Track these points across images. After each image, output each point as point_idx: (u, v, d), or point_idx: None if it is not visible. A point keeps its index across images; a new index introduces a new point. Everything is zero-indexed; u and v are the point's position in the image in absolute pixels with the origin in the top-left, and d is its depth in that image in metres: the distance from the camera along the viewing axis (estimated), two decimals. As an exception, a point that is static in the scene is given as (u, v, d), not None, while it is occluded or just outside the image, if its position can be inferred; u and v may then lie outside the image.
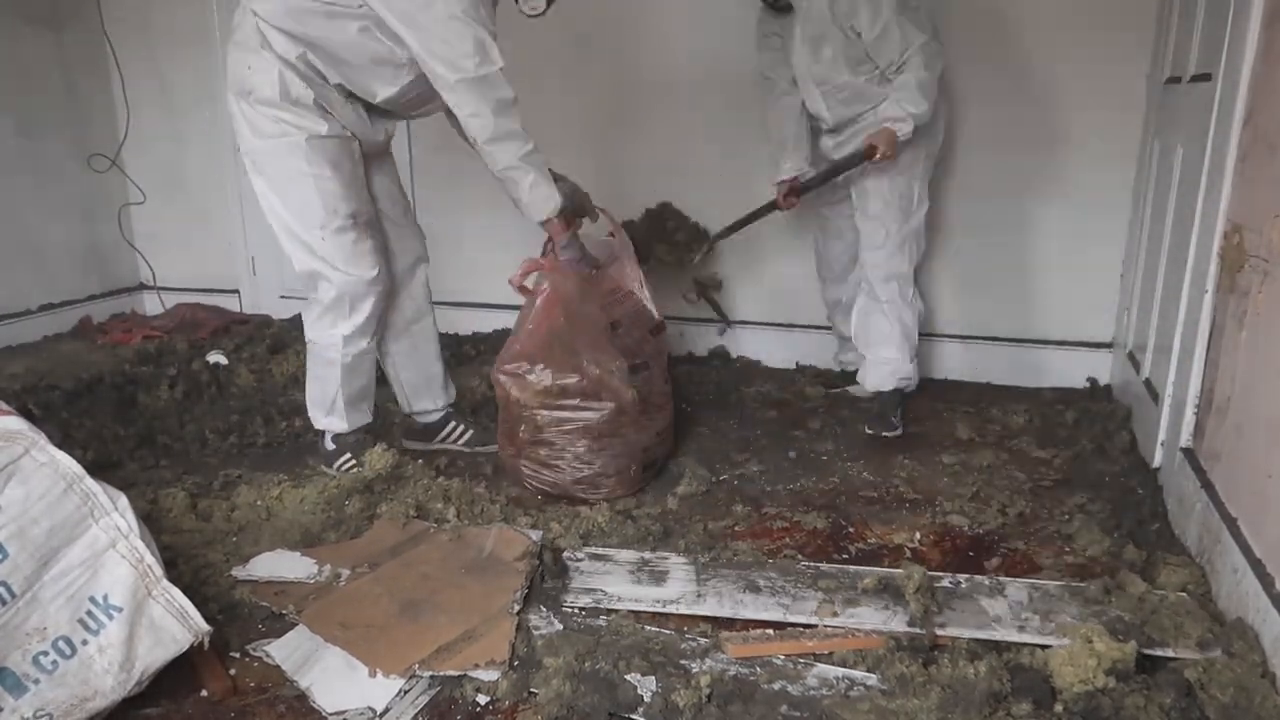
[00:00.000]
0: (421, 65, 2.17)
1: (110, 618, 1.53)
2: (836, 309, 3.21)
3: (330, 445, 2.56)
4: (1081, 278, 3.19)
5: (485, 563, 2.00)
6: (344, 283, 2.33)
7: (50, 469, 1.54)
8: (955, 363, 3.38)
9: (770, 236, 3.44)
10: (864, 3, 2.56)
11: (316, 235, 2.28)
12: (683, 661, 1.66)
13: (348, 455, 2.52)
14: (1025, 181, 3.15)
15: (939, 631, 1.73)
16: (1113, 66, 2.98)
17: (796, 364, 3.51)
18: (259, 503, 2.27)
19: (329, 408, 2.51)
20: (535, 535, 2.09)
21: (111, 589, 1.54)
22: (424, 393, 2.72)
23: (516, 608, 1.81)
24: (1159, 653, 1.65)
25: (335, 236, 2.29)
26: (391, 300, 2.55)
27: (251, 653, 1.74)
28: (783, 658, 1.68)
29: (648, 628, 1.78)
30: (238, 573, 1.98)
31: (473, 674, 1.62)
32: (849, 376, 3.21)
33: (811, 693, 1.58)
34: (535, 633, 1.75)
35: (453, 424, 2.76)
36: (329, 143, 2.26)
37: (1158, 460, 2.40)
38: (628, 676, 1.59)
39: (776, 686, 1.60)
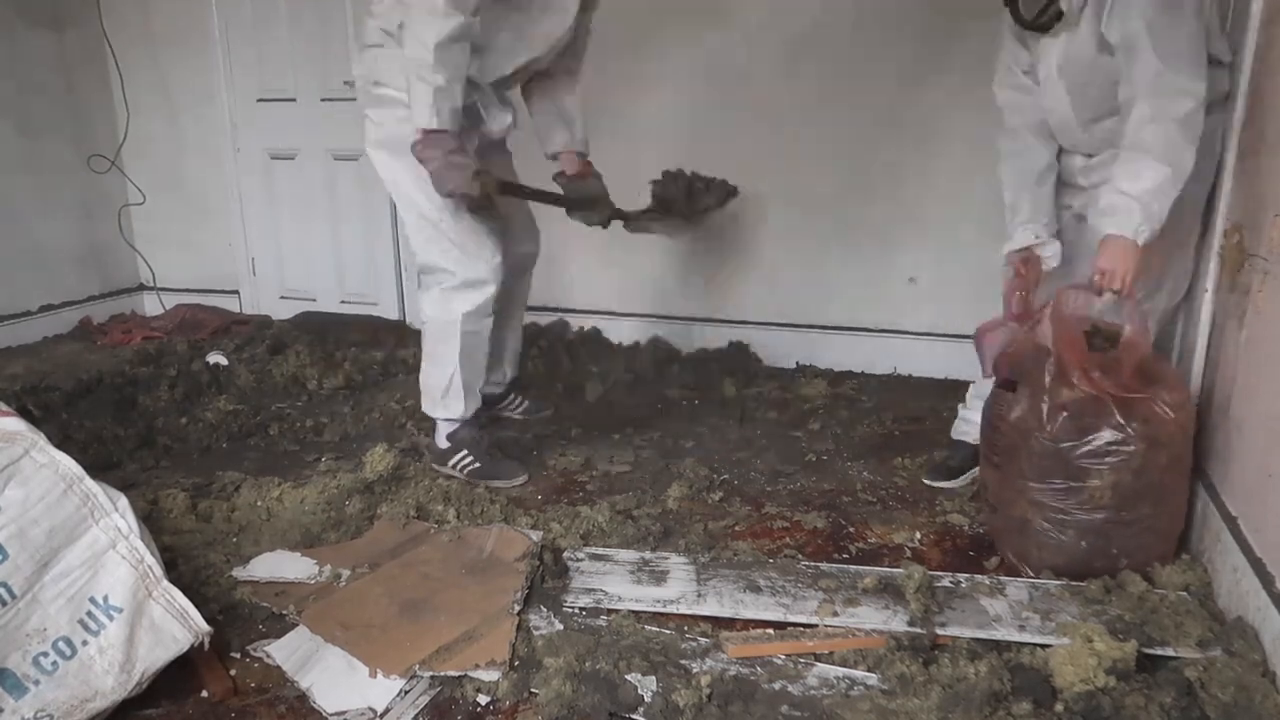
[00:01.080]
0: None
1: (110, 618, 1.53)
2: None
3: (443, 443, 2.53)
4: (1081, 277, 3.18)
5: (485, 563, 2.00)
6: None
7: (50, 470, 1.55)
8: (956, 361, 3.38)
9: (769, 236, 3.45)
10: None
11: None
12: (683, 661, 1.66)
13: (465, 452, 2.50)
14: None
15: (939, 631, 1.73)
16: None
17: (796, 364, 3.51)
18: (259, 503, 2.27)
19: (445, 390, 2.48)
20: (535, 535, 2.09)
21: (112, 590, 1.54)
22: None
23: (517, 608, 1.81)
24: (1159, 652, 1.65)
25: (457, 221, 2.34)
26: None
27: (252, 653, 1.74)
28: (783, 657, 1.68)
29: (648, 628, 1.78)
30: (238, 573, 1.98)
31: (473, 674, 1.62)
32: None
33: (812, 692, 1.58)
34: (536, 633, 1.75)
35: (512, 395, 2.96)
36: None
37: (1158, 459, 2.40)
38: (628, 676, 1.60)
39: (777, 686, 1.60)
